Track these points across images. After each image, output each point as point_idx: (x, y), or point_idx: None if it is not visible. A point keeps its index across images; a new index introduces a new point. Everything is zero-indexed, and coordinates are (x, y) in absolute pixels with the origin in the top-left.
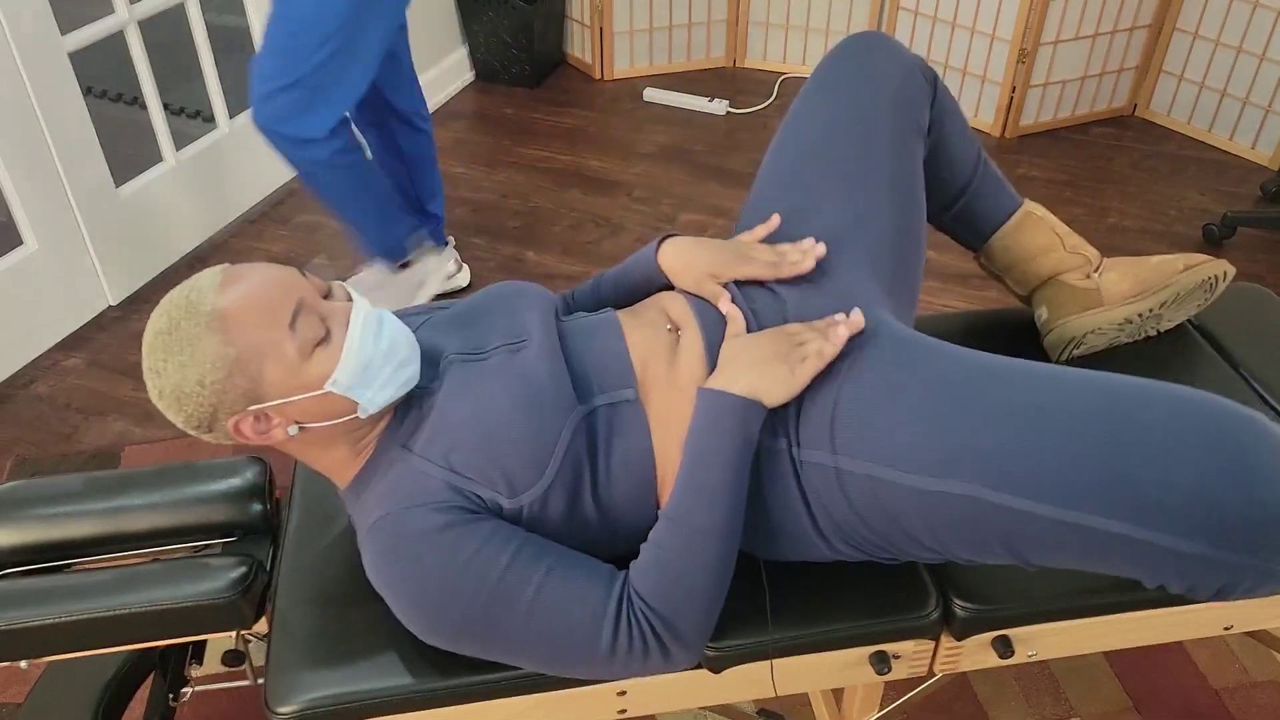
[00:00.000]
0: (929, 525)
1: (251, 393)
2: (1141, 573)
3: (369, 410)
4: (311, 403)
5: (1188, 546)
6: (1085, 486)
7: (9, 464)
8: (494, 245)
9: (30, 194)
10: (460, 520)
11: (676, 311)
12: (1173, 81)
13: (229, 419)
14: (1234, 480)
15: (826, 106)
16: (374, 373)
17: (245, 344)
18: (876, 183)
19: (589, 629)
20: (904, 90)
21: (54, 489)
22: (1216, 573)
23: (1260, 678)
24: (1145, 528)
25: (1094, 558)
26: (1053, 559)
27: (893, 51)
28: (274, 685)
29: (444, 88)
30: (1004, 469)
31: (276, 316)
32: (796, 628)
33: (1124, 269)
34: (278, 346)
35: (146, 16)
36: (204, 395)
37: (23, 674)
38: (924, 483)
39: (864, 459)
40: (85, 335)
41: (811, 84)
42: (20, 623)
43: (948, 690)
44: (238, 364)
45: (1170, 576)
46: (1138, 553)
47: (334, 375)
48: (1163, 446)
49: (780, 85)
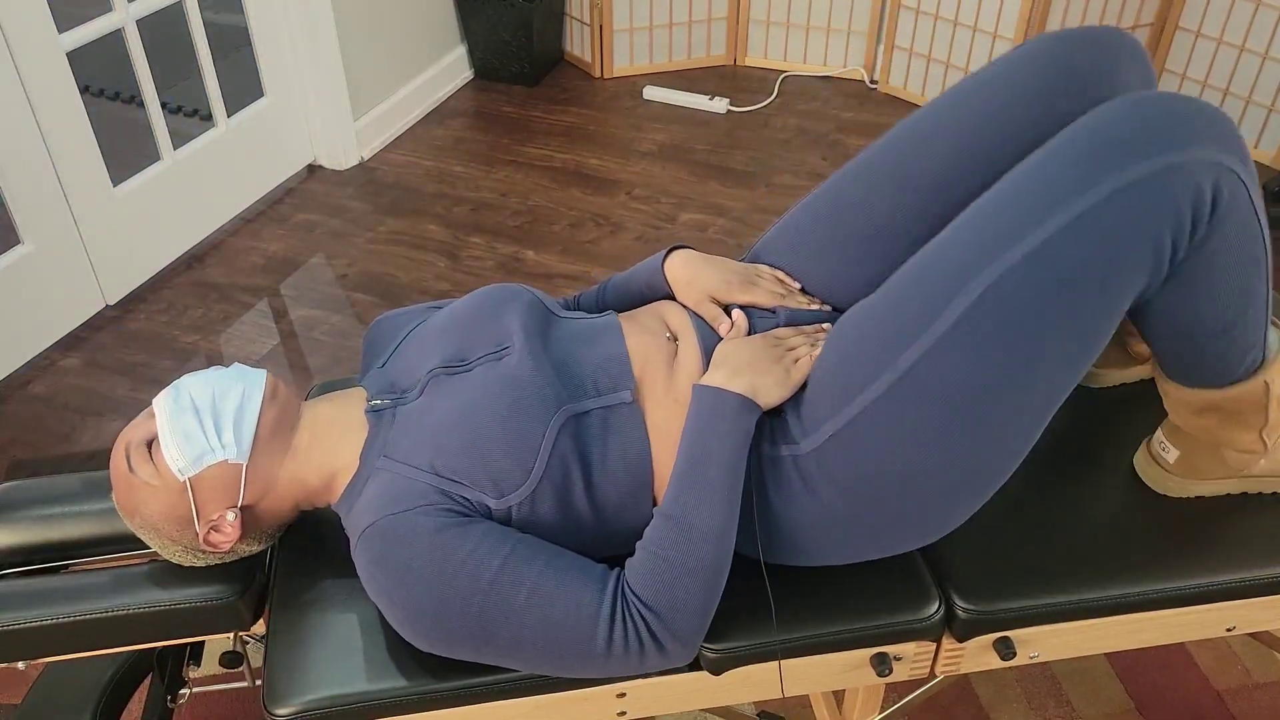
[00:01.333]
0: (891, 442)
1: (183, 534)
2: (1122, 254)
3: (245, 454)
4: (200, 496)
5: (1129, 175)
6: (1022, 215)
7: (6, 465)
8: (493, 244)
9: (27, 193)
10: (450, 524)
11: (675, 322)
12: (1175, 81)
13: (203, 549)
14: (1141, 109)
15: (984, 125)
16: (202, 432)
17: (138, 522)
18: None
19: (584, 628)
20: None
21: (51, 489)
22: (1182, 190)
23: (1262, 679)
24: (1087, 193)
25: (1069, 285)
26: (1038, 368)
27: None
28: (272, 687)
29: (443, 86)
30: (909, 324)
31: (119, 481)
32: (797, 629)
33: None
34: (140, 490)
35: (144, 15)
36: (173, 551)
37: (20, 675)
38: (863, 401)
39: (840, 410)
40: (82, 335)
41: (990, 72)
42: (18, 624)
43: (949, 692)
44: (147, 532)
45: (1149, 237)
46: (1102, 232)
47: (176, 465)
48: (1068, 143)
49: (781, 83)
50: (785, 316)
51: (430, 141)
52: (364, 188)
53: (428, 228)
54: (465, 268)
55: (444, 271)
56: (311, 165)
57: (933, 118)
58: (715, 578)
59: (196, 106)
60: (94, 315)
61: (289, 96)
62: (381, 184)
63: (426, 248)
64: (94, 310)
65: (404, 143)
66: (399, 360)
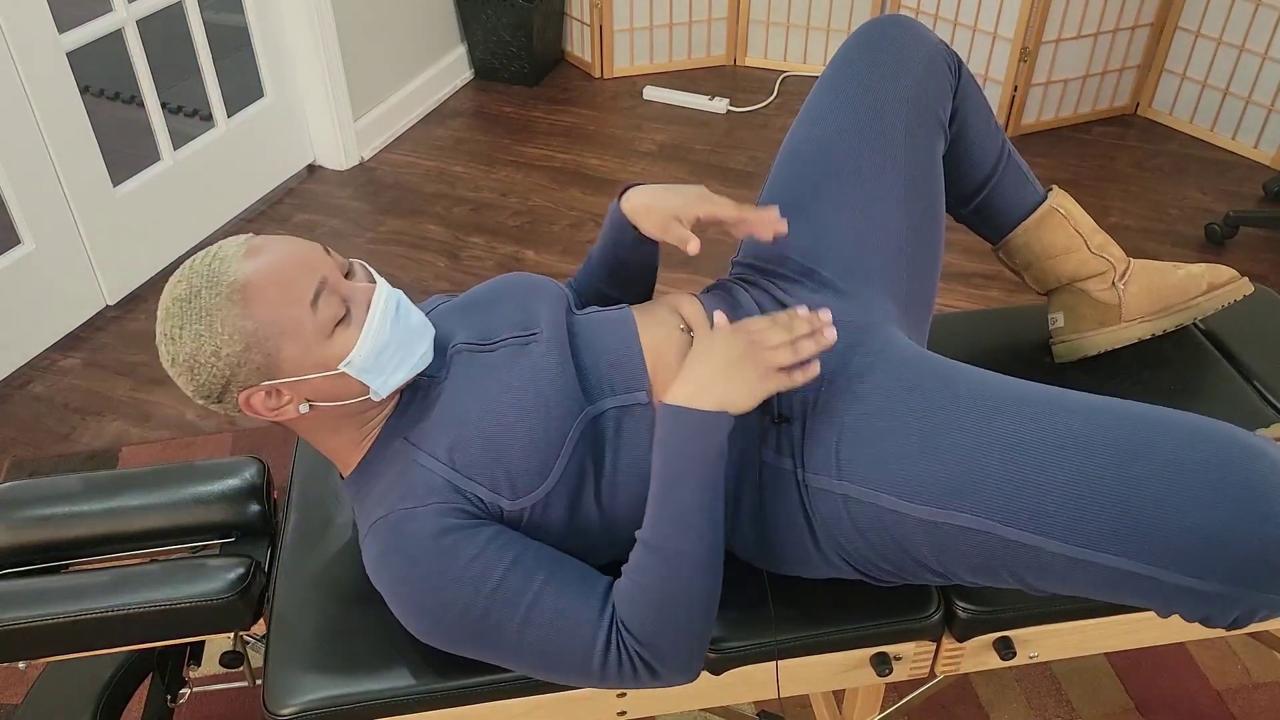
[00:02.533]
0: (936, 553)
1: (266, 368)
2: (1153, 605)
3: (380, 394)
4: (324, 382)
5: (1199, 585)
6: (1093, 524)
7: (6, 464)
8: (493, 244)
9: (27, 193)
10: (458, 526)
11: (689, 311)
12: (1175, 80)
13: (241, 392)
14: (1243, 521)
15: (840, 99)
16: (388, 357)
17: (265, 319)
18: (891, 182)
19: (582, 648)
20: (924, 80)
21: (51, 489)
22: (1230, 607)
23: (1262, 679)
24: (1155, 566)
25: (1104, 590)
26: (1062, 588)
27: (914, 37)
28: (272, 687)
29: (443, 86)
30: (1011, 505)
31: (299, 293)
32: (797, 629)
33: (1146, 281)
34: (298, 324)
35: (145, 15)
36: (218, 366)
37: (21, 675)
38: (932, 514)
39: (871, 488)
40: (82, 335)
41: (827, 73)
42: (18, 623)
43: (949, 692)
44: (255, 338)
45: (1183, 609)
46: (1149, 588)
47: (350, 357)
48: (1170, 485)
49: (781, 83)
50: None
51: (430, 141)
52: (364, 188)
53: (428, 228)
54: (465, 268)
55: (444, 271)
56: (311, 165)
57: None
58: (703, 604)
59: (196, 106)
60: (94, 315)
61: (289, 96)
62: (381, 184)
63: (426, 248)
64: (94, 310)
65: (404, 143)
66: None
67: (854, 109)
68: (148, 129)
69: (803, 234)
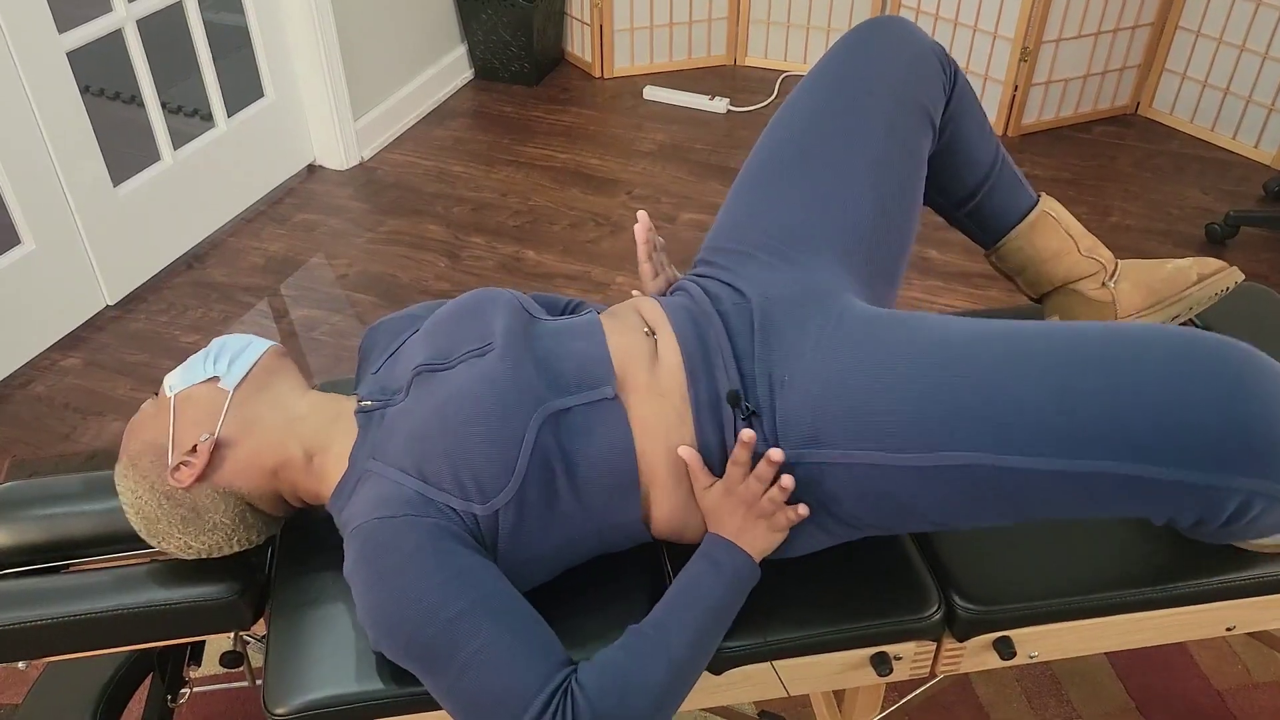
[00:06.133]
0: (928, 499)
1: (156, 467)
2: (1151, 510)
3: (233, 382)
4: (181, 418)
5: (1197, 477)
6: (1090, 435)
7: (6, 464)
8: (493, 244)
9: (27, 193)
10: (435, 545)
11: (649, 314)
12: (1175, 80)
13: (174, 482)
14: (1237, 408)
15: (820, 89)
16: (201, 361)
17: (124, 477)
18: (861, 165)
19: (511, 708)
20: (911, 75)
21: (52, 489)
22: (1225, 500)
23: (1262, 679)
24: (1154, 465)
25: (1100, 503)
26: (1057, 511)
27: (903, 36)
28: (272, 687)
29: (443, 86)
30: (1004, 431)
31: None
32: (797, 629)
33: (1136, 277)
34: (133, 423)
35: (144, 15)
36: (157, 518)
37: (21, 675)
38: (921, 459)
39: (855, 449)
40: (83, 335)
41: (813, 69)
42: (18, 623)
43: (949, 692)
44: (132, 489)
45: (1180, 510)
46: (1147, 490)
47: (169, 383)
48: (1163, 385)
49: (781, 83)
50: (759, 304)
51: (430, 141)
52: (364, 188)
53: (428, 228)
54: (465, 268)
55: (444, 271)
56: (311, 165)
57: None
58: (665, 701)
59: (196, 106)
60: (95, 315)
61: (289, 96)
62: (381, 184)
63: (427, 248)
64: (95, 310)
65: (404, 143)
66: (393, 366)
67: (831, 99)
68: (148, 129)
69: (760, 212)
